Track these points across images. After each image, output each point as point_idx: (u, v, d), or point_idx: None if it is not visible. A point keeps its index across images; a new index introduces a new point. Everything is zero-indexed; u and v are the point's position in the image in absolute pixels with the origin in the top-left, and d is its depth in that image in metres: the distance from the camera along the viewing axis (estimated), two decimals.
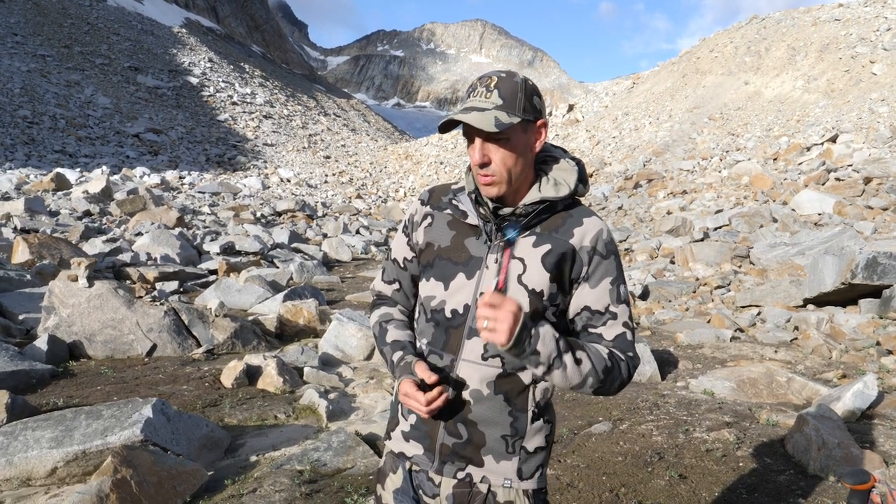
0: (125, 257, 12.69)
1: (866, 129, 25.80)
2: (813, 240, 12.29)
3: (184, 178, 39.53)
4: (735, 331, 8.48)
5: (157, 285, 11.02)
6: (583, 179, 1.75)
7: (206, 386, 5.94)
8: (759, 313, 9.30)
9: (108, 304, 7.08)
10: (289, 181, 48.10)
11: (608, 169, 35.36)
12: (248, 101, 73.00)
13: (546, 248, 1.68)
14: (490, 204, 1.71)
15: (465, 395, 1.73)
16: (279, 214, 28.34)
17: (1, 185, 24.28)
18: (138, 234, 17.02)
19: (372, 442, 4.69)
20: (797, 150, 25.90)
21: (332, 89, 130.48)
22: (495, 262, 1.70)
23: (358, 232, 24.86)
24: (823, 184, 19.00)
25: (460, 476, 1.76)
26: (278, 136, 65.54)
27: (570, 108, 58.00)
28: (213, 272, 13.38)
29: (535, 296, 1.67)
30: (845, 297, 8.84)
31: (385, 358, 1.87)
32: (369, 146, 72.31)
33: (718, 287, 11.46)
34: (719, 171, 27.06)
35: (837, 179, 18.79)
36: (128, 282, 10.79)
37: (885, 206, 15.28)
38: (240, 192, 36.35)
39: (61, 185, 25.90)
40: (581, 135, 48.38)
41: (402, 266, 1.93)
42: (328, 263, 17.01)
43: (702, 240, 15.55)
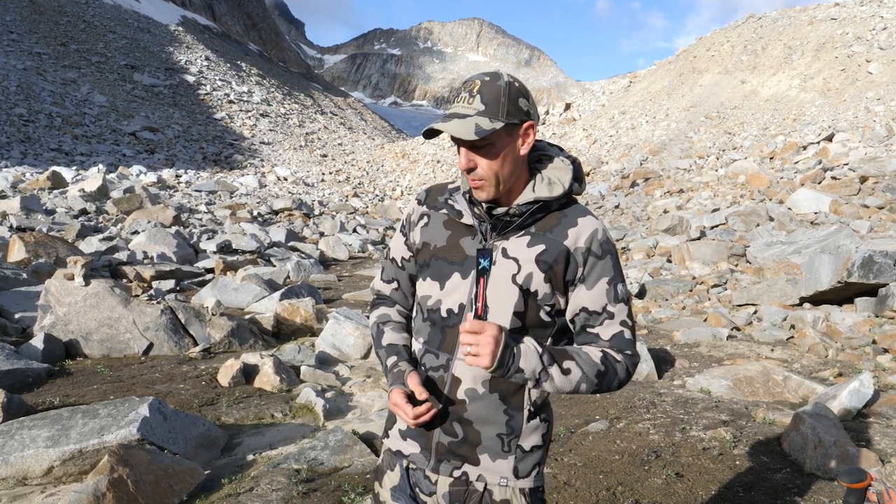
0: (121, 256, 12.67)
1: (862, 128, 25.85)
2: (809, 238, 12.31)
3: (180, 176, 39.47)
4: (731, 329, 8.49)
5: (154, 284, 11.00)
6: (578, 178, 1.74)
7: (202, 385, 5.93)
8: (755, 312, 9.32)
9: (104, 302, 7.07)
10: (285, 180, 48.02)
11: (605, 168, 35.38)
12: (244, 99, 72.85)
13: (540, 248, 1.68)
14: (484, 204, 1.71)
15: (460, 393, 1.73)
16: (276, 213, 28.30)
17: None
18: (135, 232, 16.98)
19: (369, 441, 4.69)
20: (793, 149, 25.95)
21: (329, 88, 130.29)
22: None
23: (355, 230, 24.85)
24: (819, 182, 19.03)
25: (456, 474, 1.76)
26: (275, 135, 65.43)
27: (567, 106, 58.00)
28: (210, 271, 13.36)
29: (529, 295, 1.68)
30: (841, 295, 8.85)
31: (380, 359, 1.89)
32: (366, 145, 72.24)
33: (715, 286, 11.47)
34: (716, 170, 27.10)
35: (834, 178, 18.82)
36: (124, 280, 10.76)
37: (881, 204, 15.31)
38: (236, 191, 36.28)
39: (57, 183, 25.83)
40: (578, 133, 48.39)
41: (399, 265, 1.93)
42: (325, 262, 16.99)
43: (698, 238, 15.57)
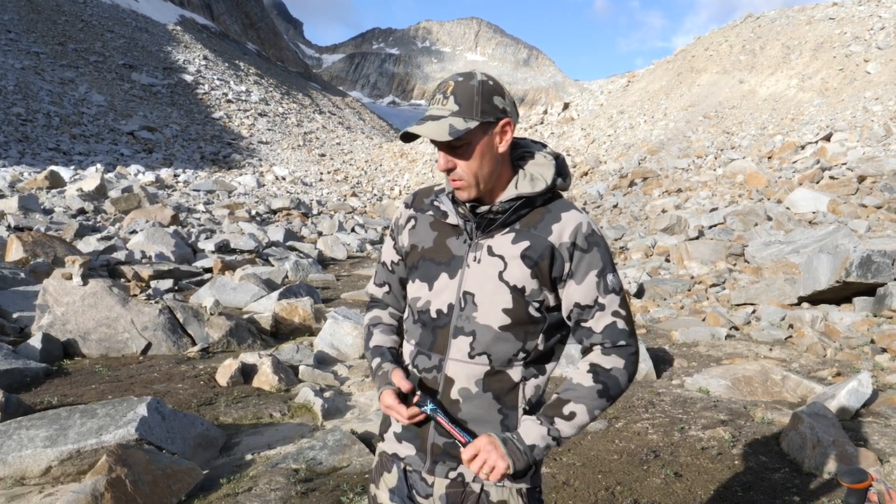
0: (120, 255, 12.65)
1: (860, 128, 25.87)
2: (807, 238, 12.32)
3: (178, 175, 39.44)
4: (730, 329, 8.49)
5: (152, 283, 10.99)
6: (561, 173, 1.74)
7: (201, 384, 5.93)
8: (753, 311, 9.32)
9: (102, 302, 7.06)
10: (284, 179, 48.01)
11: (603, 167, 35.40)
12: (242, 98, 72.81)
13: (525, 244, 1.68)
14: (467, 203, 1.71)
15: (454, 393, 1.73)
16: (274, 212, 28.29)
17: None
18: (133, 232, 16.96)
19: (367, 440, 4.68)
20: (791, 149, 25.97)
21: (328, 87, 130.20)
22: (475, 260, 1.70)
23: (353, 230, 24.84)
24: (818, 182, 19.05)
25: (452, 476, 1.75)
26: (273, 134, 65.40)
27: (566, 106, 58.01)
28: (208, 270, 13.35)
29: (517, 292, 1.68)
30: (840, 295, 8.86)
31: (368, 362, 1.91)
32: (364, 144, 72.23)
33: (713, 285, 11.48)
34: (714, 170, 27.12)
35: (832, 178, 18.84)
36: (122, 280, 10.75)
37: (879, 204, 15.33)
38: (235, 191, 36.27)
39: (55, 182, 25.80)
40: (576, 133, 48.41)
41: (390, 269, 1.95)
42: (323, 262, 16.98)
43: (697, 238, 15.58)
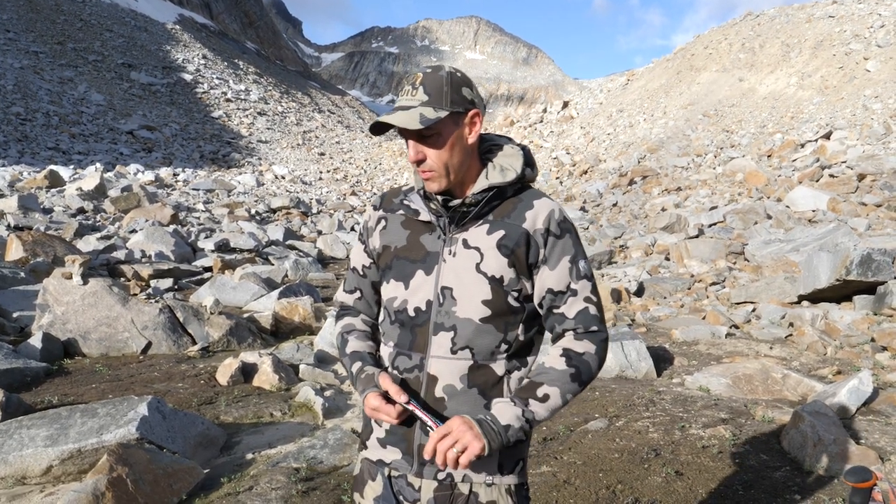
0: (119, 255, 12.66)
1: (860, 126, 25.87)
2: (807, 236, 12.32)
3: (178, 175, 39.43)
4: (730, 327, 8.50)
5: (152, 283, 10.99)
6: (529, 163, 1.76)
7: (201, 384, 5.93)
8: (753, 310, 9.33)
9: (102, 301, 7.05)
10: (283, 178, 48.00)
11: (603, 166, 35.38)
12: (242, 97, 72.79)
13: (500, 234, 1.68)
14: (439, 198, 1.71)
15: (438, 391, 1.71)
16: (274, 211, 28.31)
17: None
18: (132, 231, 16.98)
19: None
20: (791, 147, 25.97)
21: (327, 86, 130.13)
22: (451, 254, 1.70)
23: (353, 229, 24.83)
24: (817, 180, 19.05)
25: (441, 477, 1.72)
26: (272, 133, 65.40)
27: (565, 104, 58.00)
28: (208, 269, 13.36)
29: (495, 282, 1.67)
30: (840, 293, 8.86)
31: (346, 368, 1.85)
32: (364, 143, 72.19)
33: (713, 283, 11.48)
34: (714, 168, 27.11)
35: (831, 176, 18.84)
36: (122, 279, 10.75)
37: (879, 202, 15.33)
38: (234, 190, 36.27)
39: (55, 182, 25.80)
40: (576, 131, 48.40)
41: (361, 274, 1.92)
42: (323, 260, 16.99)
43: (696, 236, 15.58)
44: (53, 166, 30.61)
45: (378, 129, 1.68)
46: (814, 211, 15.85)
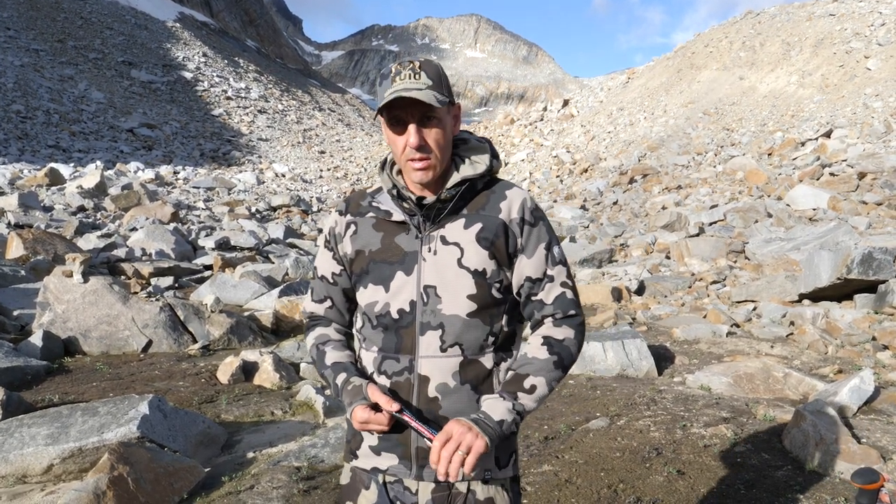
0: (120, 253, 12.65)
1: (861, 125, 25.85)
2: (808, 235, 12.32)
3: (178, 173, 39.43)
4: (731, 326, 8.49)
5: (152, 281, 10.99)
6: (495, 155, 1.77)
7: (202, 382, 5.92)
8: (754, 308, 9.32)
9: (103, 299, 7.05)
10: (283, 176, 48.00)
11: (603, 164, 35.38)
12: (242, 95, 72.77)
13: (478, 226, 1.69)
14: (413, 197, 1.69)
15: (431, 391, 1.69)
16: (274, 210, 28.30)
17: None
18: (133, 229, 16.97)
19: None
20: (792, 146, 25.94)
21: (327, 84, 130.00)
22: (430, 251, 1.69)
23: None
24: (818, 179, 19.04)
25: (440, 478, 1.70)
26: (273, 131, 65.38)
27: (566, 103, 58.00)
28: (209, 268, 13.35)
29: (479, 276, 1.68)
30: (840, 292, 8.85)
31: (327, 381, 1.80)
32: (364, 141, 72.19)
33: (714, 282, 11.48)
34: (714, 167, 27.09)
35: (832, 174, 18.83)
36: (123, 277, 10.74)
37: (879, 201, 15.32)
38: (234, 188, 36.27)
39: (55, 180, 25.80)
40: (576, 130, 48.39)
41: (331, 282, 1.87)
42: None
43: (697, 235, 15.59)
44: (54, 164, 30.62)
45: (390, 108, 1.62)
46: (814, 209, 15.84)
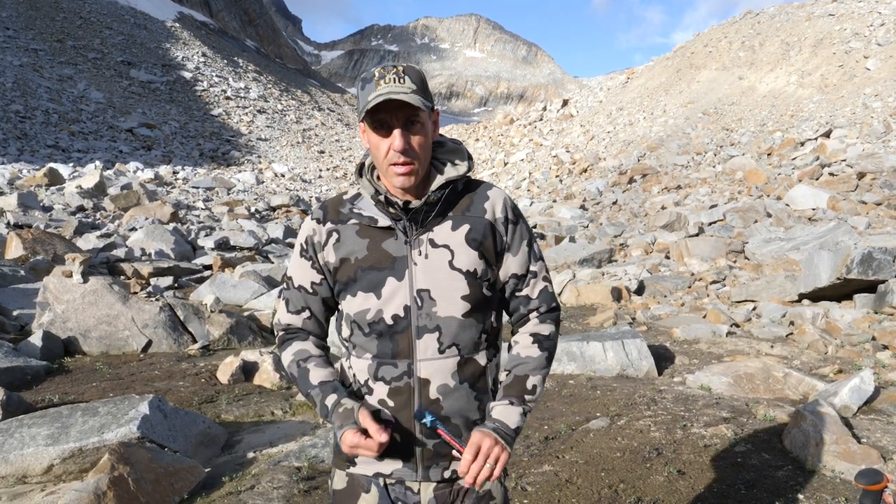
0: (119, 253, 12.65)
1: (860, 125, 25.86)
2: (807, 235, 12.32)
3: (178, 173, 39.42)
4: (731, 326, 8.49)
5: (152, 281, 10.99)
6: (469, 157, 1.81)
7: (202, 382, 5.92)
8: (754, 308, 9.32)
9: (102, 299, 7.05)
10: (283, 176, 47.99)
11: (602, 164, 35.38)
12: (241, 95, 72.75)
13: (466, 228, 1.72)
14: (400, 202, 1.69)
15: (432, 393, 1.71)
16: (273, 209, 28.27)
17: None
18: (132, 229, 16.95)
19: None
20: (791, 146, 25.95)
21: (327, 84, 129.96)
22: (420, 255, 1.70)
23: None
24: (817, 179, 19.04)
25: (446, 475, 1.74)
26: (272, 131, 65.37)
27: (565, 102, 58.01)
28: (208, 267, 13.34)
29: (471, 276, 1.71)
30: (840, 292, 8.85)
31: (313, 401, 1.76)
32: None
33: (714, 282, 11.47)
34: (713, 167, 27.09)
35: (831, 174, 18.84)
36: (122, 277, 10.74)
37: (879, 200, 15.33)
38: (234, 188, 36.24)
39: (54, 180, 25.78)
40: (575, 130, 48.40)
41: (310, 291, 1.82)
42: None
43: (696, 235, 15.59)
44: (53, 164, 30.61)
45: (374, 111, 1.61)
46: (814, 209, 15.85)
